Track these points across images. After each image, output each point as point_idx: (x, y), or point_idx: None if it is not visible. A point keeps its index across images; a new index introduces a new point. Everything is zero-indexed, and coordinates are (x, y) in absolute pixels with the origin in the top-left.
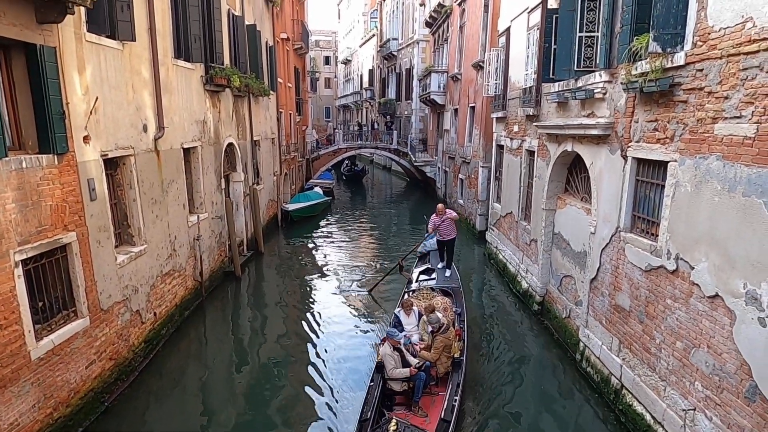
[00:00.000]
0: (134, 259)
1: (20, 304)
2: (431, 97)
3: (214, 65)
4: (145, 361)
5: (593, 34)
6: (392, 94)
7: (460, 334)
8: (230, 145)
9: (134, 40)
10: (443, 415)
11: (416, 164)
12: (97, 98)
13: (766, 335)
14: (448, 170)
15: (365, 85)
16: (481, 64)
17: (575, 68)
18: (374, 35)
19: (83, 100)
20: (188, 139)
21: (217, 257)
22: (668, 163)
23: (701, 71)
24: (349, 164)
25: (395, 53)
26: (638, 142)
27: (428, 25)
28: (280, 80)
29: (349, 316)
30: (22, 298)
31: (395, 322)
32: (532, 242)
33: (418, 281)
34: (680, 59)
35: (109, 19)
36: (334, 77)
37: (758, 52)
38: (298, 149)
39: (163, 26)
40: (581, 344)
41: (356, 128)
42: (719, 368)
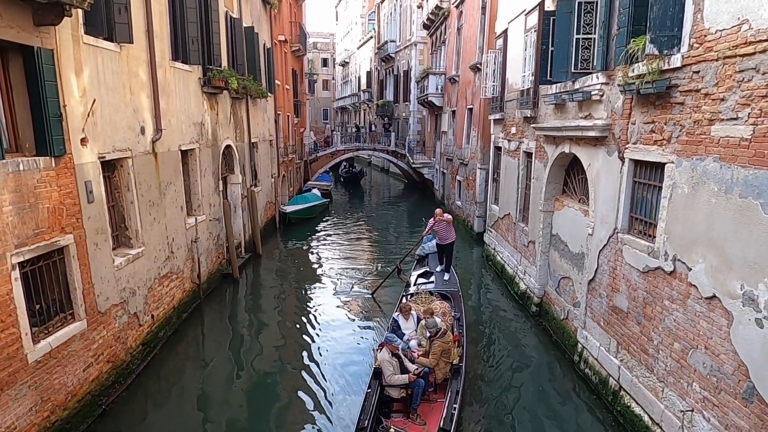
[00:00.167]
0: (132, 261)
1: (17, 307)
2: (429, 99)
3: (211, 67)
4: (142, 363)
5: (590, 36)
6: (390, 96)
7: (459, 339)
8: (228, 147)
9: (132, 42)
10: (442, 423)
11: (414, 166)
12: (94, 100)
13: (763, 336)
14: (446, 172)
15: (363, 86)
16: (478, 66)
17: (572, 70)
18: (372, 37)
19: (80, 102)
20: (186, 141)
21: (214, 259)
22: (665, 164)
23: (698, 73)
24: (347, 166)
25: (393, 55)
26: (635, 143)
27: (426, 27)
28: (277, 82)
29: (346, 319)
30: (19, 301)
31: (393, 326)
32: (530, 244)
33: (416, 284)
34: (677, 61)
35: (106, 21)
36: (331, 79)
37: (754, 54)
38: (296, 151)
39: (160, 28)
40: (579, 345)
41: (354, 130)
42: (717, 369)
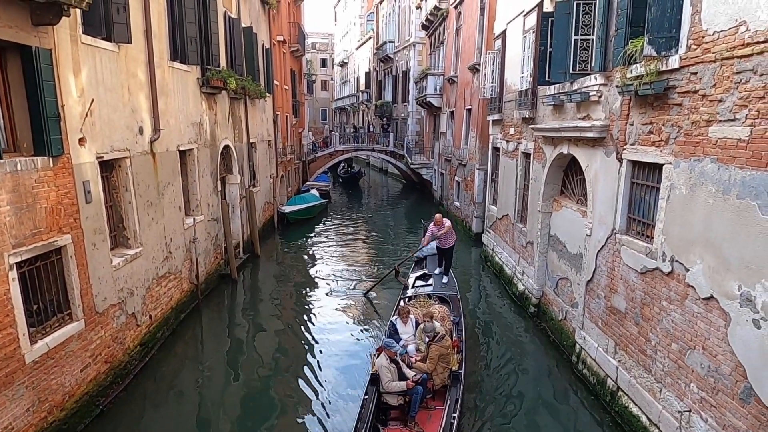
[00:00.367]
0: (130, 261)
1: (15, 307)
2: (427, 99)
3: (210, 67)
4: (140, 364)
5: (588, 37)
6: (389, 96)
7: (458, 345)
8: (226, 147)
9: (130, 42)
10: None
11: (412, 167)
12: (92, 100)
13: (760, 337)
14: (444, 173)
15: (362, 87)
16: (477, 66)
17: (571, 71)
18: (371, 38)
19: (79, 102)
20: (184, 141)
21: (213, 260)
22: (663, 165)
23: (695, 74)
24: (345, 167)
25: (392, 56)
26: (633, 144)
27: (424, 27)
28: (276, 83)
29: (344, 321)
30: (16, 301)
31: (391, 330)
32: (528, 244)
33: (414, 287)
34: (675, 62)
35: (104, 21)
36: (330, 80)
37: (752, 55)
38: (294, 151)
39: (159, 28)
40: (577, 346)
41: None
42: (714, 370)
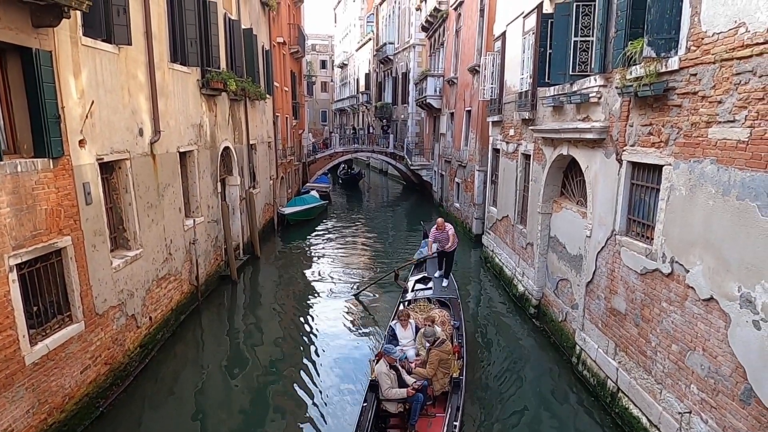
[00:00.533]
0: (130, 263)
1: (14, 308)
2: (427, 100)
3: (210, 69)
4: (140, 365)
5: (588, 38)
6: (389, 97)
7: (458, 351)
8: (226, 148)
9: (130, 43)
10: None
11: (412, 168)
12: (92, 102)
13: (760, 338)
14: (444, 174)
15: (362, 88)
16: (477, 68)
17: (570, 72)
18: (370, 39)
19: (79, 103)
20: (184, 142)
21: (213, 261)
22: (663, 166)
23: (695, 76)
24: (345, 168)
25: (391, 57)
26: (633, 146)
27: (424, 29)
28: (276, 84)
29: (343, 324)
30: (16, 302)
31: (390, 335)
32: (528, 246)
33: (414, 291)
34: (674, 64)
35: (105, 22)
36: (330, 81)
37: (751, 57)
38: (294, 153)
39: (159, 30)
40: (577, 348)
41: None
42: (714, 371)
